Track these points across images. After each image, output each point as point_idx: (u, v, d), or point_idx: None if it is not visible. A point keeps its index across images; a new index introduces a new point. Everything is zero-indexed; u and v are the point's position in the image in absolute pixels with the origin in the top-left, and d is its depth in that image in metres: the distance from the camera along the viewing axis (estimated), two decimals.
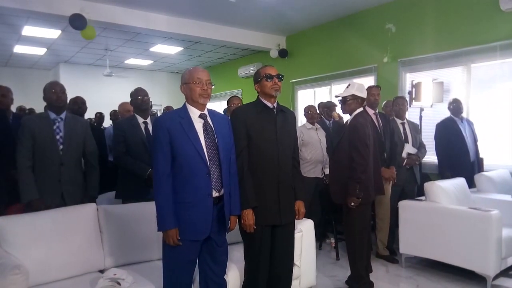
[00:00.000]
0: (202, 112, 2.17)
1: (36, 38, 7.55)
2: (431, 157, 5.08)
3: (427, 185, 3.62)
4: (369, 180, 2.93)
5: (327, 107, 4.99)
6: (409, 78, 5.58)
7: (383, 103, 5.23)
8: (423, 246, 3.55)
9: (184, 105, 2.20)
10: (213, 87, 2.29)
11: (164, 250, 2.11)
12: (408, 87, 5.43)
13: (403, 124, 4.22)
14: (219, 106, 10.18)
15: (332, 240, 4.33)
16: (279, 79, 2.42)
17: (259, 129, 2.38)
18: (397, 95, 5.71)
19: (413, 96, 5.10)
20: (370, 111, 3.89)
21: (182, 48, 8.52)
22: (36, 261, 2.23)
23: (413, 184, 4.23)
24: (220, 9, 6.20)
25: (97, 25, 6.12)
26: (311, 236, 2.96)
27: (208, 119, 2.18)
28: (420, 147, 4.27)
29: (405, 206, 3.70)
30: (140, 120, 3.25)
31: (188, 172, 2.05)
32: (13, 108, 6.63)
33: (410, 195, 4.10)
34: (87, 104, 4.37)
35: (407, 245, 3.69)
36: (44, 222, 2.38)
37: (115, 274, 2.23)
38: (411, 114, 5.52)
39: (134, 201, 2.99)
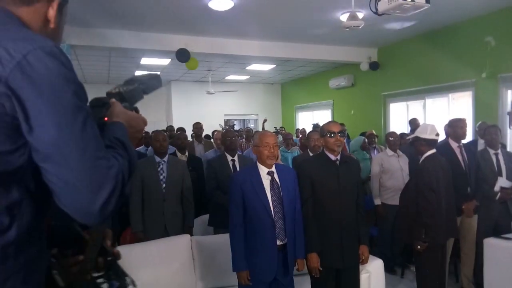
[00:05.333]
0: (270, 170, 2.52)
1: (151, 66, 8.79)
2: None
3: None
4: (438, 224, 2.94)
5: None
6: (511, 95, 5.13)
7: (477, 124, 4.93)
8: (509, 286, 3.37)
9: (256, 163, 2.58)
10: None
11: None
12: (509, 105, 5.01)
13: (496, 154, 3.95)
14: (311, 116, 10.42)
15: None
16: (341, 135, 2.65)
17: (322, 182, 2.65)
18: (497, 113, 5.34)
19: None
20: (454, 144, 3.79)
21: (274, 65, 8.99)
22: (143, 283, 2.83)
23: (507, 218, 3.96)
24: (308, 30, 6.43)
25: (200, 56, 6.92)
26: (380, 276, 3.08)
27: (275, 175, 2.53)
28: None
29: (490, 244, 3.53)
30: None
31: (256, 223, 2.43)
32: None
33: (504, 231, 3.86)
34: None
35: (492, 283, 3.52)
36: (151, 251, 3.01)
37: None
38: None
39: (224, 229, 3.48)
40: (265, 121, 9.44)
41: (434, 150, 3.13)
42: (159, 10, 5.29)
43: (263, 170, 2.52)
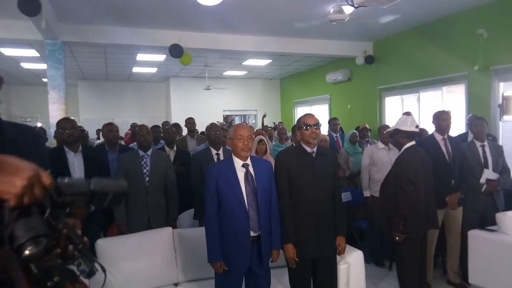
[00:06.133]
0: (245, 162, 2.53)
1: (147, 62, 8.84)
2: None
3: (499, 216, 3.41)
4: (417, 215, 2.95)
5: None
6: (503, 88, 5.10)
7: (468, 117, 4.91)
8: (493, 278, 3.36)
9: (231, 156, 2.60)
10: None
11: (215, 281, 2.57)
12: (501, 98, 4.98)
13: (482, 146, 3.94)
14: (309, 111, 10.39)
15: None
16: (317, 128, 2.65)
17: (298, 173, 2.66)
18: (489, 105, 5.30)
19: (504, 109, 4.70)
20: (438, 137, 3.78)
21: (270, 60, 8.99)
22: (125, 275, 2.88)
23: (493, 210, 3.94)
24: (301, 24, 6.40)
25: (193, 51, 6.92)
26: (360, 267, 3.10)
27: (250, 168, 2.54)
28: (503, 171, 3.93)
29: (474, 236, 3.54)
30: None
31: (230, 215, 2.45)
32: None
33: (491, 223, 3.86)
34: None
35: (477, 275, 3.53)
36: (132, 243, 3.04)
37: None
38: (504, 130, 5.06)
39: None
40: (264, 116, 9.46)
41: (413, 142, 3.13)
42: (150, 6, 5.31)
43: (238, 163, 2.54)
